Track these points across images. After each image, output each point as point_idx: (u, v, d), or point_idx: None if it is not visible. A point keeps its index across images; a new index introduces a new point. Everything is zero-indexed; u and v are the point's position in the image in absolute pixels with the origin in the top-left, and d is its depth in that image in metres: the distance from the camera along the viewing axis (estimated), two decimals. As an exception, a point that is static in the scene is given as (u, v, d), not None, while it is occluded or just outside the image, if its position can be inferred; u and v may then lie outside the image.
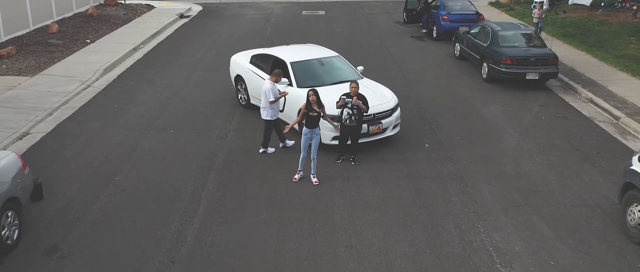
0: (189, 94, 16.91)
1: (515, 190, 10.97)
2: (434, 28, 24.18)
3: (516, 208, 10.28)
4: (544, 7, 29.53)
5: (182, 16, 30.68)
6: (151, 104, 15.99)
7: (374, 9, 32.78)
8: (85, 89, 17.70)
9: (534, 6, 22.15)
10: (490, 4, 33.15)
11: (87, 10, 28.26)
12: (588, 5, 29.49)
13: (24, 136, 13.90)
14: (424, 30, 25.22)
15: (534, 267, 8.55)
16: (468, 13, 23.57)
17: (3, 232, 8.74)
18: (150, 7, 32.56)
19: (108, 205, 10.40)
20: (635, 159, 9.32)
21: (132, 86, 17.82)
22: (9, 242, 8.88)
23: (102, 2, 31.82)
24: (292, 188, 10.96)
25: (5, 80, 17.92)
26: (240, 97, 15.52)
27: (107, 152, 12.71)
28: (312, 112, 10.83)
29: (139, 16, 29.83)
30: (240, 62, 15.51)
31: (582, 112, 15.40)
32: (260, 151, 12.43)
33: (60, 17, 26.96)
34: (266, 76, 13.96)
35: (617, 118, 14.73)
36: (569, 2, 30.63)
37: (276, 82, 12.12)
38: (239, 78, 15.43)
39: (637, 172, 9.12)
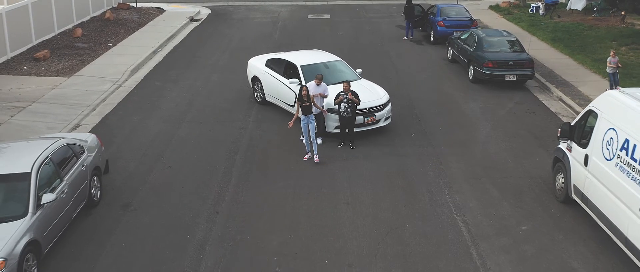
0: (211, 92, 21.36)
1: (478, 166, 15.34)
2: (431, 33, 28.57)
3: (476, 179, 14.64)
4: (540, 11, 33.93)
5: (192, 20, 35.18)
6: (179, 101, 20.45)
7: (377, 12, 37.23)
8: (118, 88, 22.18)
9: (609, 60, 19.86)
10: (491, 7, 37.55)
11: (105, 14, 32.80)
12: (581, 10, 33.83)
13: (76, 127, 18.35)
14: (407, 37, 29.19)
15: (481, 216, 12.90)
16: (462, 19, 27.97)
17: (92, 192, 13.15)
18: (161, 10, 37.12)
19: (160, 176, 14.82)
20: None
21: (159, 86, 22.29)
22: (95, 199, 13.27)
23: (115, 6, 36.37)
24: (303, 165, 15.36)
25: (47, 80, 22.42)
26: (257, 95, 19.95)
27: (150, 139, 17.16)
28: (304, 103, 15.24)
29: (152, 20, 34.40)
30: (257, 65, 19.96)
31: (550, 109, 19.76)
32: (319, 141, 16.28)
33: (80, 21, 31.49)
34: (280, 77, 18.42)
35: (578, 113, 19.06)
36: (567, 7, 34.98)
37: (317, 85, 16.15)
38: (255, 79, 19.87)
39: (561, 149, 13.47)
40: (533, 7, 34.78)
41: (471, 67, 22.30)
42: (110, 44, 28.09)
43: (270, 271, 11.01)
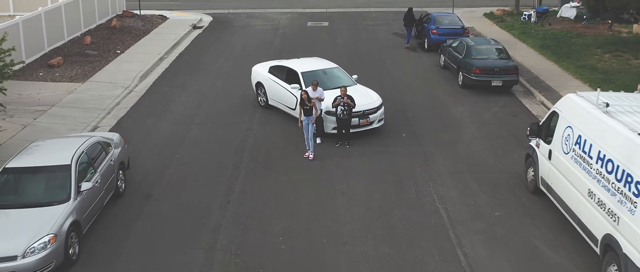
0: (217, 97, 23.75)
1: (461, 163, 17.71)
2: (426, 40, 31.00)
3: (459, 174, 17.01)
4: (532, 19, 36.38)
5: (195, 27, 37.61)
6: (188, 105, 22.83)
7: (375, 20, 39.68)
8: (129, 93, 24.57)
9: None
10: (485, 15, 40.00)
11: (111, 22, 35.24)
12: (572, 18, 36.28)
13: (94, 128, 20.70)
14: (408, 45, 31.61)
15: (460, 205, 15.26)
16: (455, 28, 30.40)
17: (119, 183, 15.50)
18: (164, 18, 39.56)
19: (176, 172, 17.18)
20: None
21: (168, 91, 24.68)
22: (121, 190, 15.63)
23: (119, 14, 38.81)
24: (303, 162, 17.72)
25: (62, 85, 24.82)
26: (260, 100, 22.33)
27: (164, 139, 19.53)
28: (305, 106, 17.62)
29: (155, 27, 36.84)
30: (260, 72, 22.35)
31: (532, 112, 22.14)
32: (318, 140, 18.81)
33: (87, 29, 33.91)
34: (282, 83, 20.81)
35: (556, 116, 21.44)
36: (558, 15, 37.44)
37: (314, 90, 18.54)
38: (259, 84, 22.25)
39: (532, 146, 15.84)
40: (525, 15, 37.24)
41: (460, 73, 24.69)
42: (118, 51, 30.49)
43: (277, 248, 13.36)
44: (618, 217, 11.42)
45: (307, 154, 18.02)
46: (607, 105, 12.85)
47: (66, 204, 12.84)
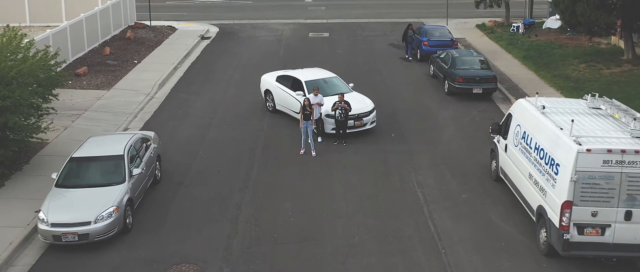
0: (230, 103, 28.42)
1: (440, 158, 22.33)
2: (418, 51, 35.68)
3: (436, 166, 21.63)
4: (520, 30, 41.09)
5: (203, 38, 42.35)
6: (204, 110, 27.49)
7: (373, 31, 44.44)
8: (150, 99, 29.23)
9: None
10: (477, 26, 44.74)
11: (126, 34, 40.01)
12: (557, 28, 40.97)
13: (125, 130, 25.32)
14: (409, 57, 36.24)
15: (434, 189, 19.85)
16: (445, 39, 35.10)
17: (156, 172, 20.12)
18: (173, 29, 44.33)
19: (201, 165, 21.81)
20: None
21: (185, 98, 29.35)
22: (158, 178, 20.25)
23: (131, 25, 43.58)
24: (307, 157, 22.35)
25: (91, 93, 29.49)
26: (268, 105, 26.98)
27: (187, 139, 24.17)
28: (306, 111, 22.25)
29: (166, 38, 41.60)
30: (269, 80, 27.03)
31: (507, 116, 26.76)
32: (319, 139, 23.46)
33: (103, 40, 38.63)
34: (288, 90, 25.45)
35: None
36: (543, 27, 42.16)
37: (315, 95, 23.23)
38: (267, 91, 26.92)
39: (495, 142, 20.45)
40: (514, 26, 41.95)
41: (446, 81, 29.35)
42: (136, 61, 35.21)
43: (287, 220, 17.98)
44: (546, 191, 16.03)
45: (302, 151, 22.58)
46: (544, 107, 17.48)
47: (123, 184, 17.46)
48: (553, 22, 41.68)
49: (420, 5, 54.48)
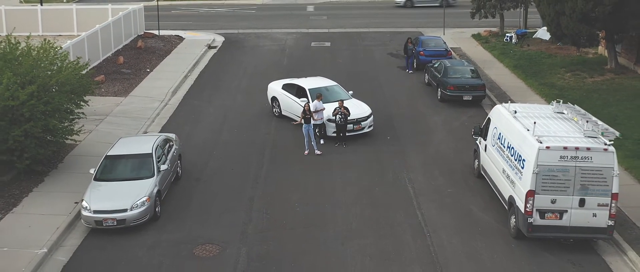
0: (239, 109, 32.05)
1: (430, 158, 25.92)
2: (414, 61, 39.32)
3: (427, 165, 25.22)
4: (513, 40, 44.74)
5: (209, 47, 46.01)
6: (216, 116, 31.12)
7: (373, 40, 48.14)
8: (165, 106, 32.86)
9: None
10: (473, 36, 48.41)
11: (137, 43, 43.71)
12: (548, 39, 44.60)
13: (145, 133, 28.92)
14: (410, 71, 39.78)
15: (423, 185, 23.44)
16: (439, 50, 38.74)
17: (178, 169, 23.72)
18: (180, 38, 48.04)
19: (215, 163, 25.42)
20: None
21: (197, 104, 32.98)
22: (179, 175, 23.84)
23: (141, 34, 47.28)
24: (310, 156, 25.94)
25: (110, 99, 33.12)
26: (275, 111, 30.61)
27: (202, 141, 27.78)
28: (306, 115, 25.84)
29: (175, 47, 45.30)
30: (275, 88, 30.68)
31: (493, 121, 30.35)
32: (321, 141, 27.11)
33: (116, 49, 42.32)
34: (293, 97, 29.07)
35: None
36: (534, 36, 45.81)
37: (319, 101, 26.87)
38: (274, 98, 30.56)
39: (477, 143, 24.02)
40: (507, 36, 45.62)
41: (439, 89, 32.97)
42: (148, 70, 38.87)
43: (294, 209, 21.56)
44: (515, 183, 19.61)
45: (307, 151, 26.17)
46: (515, 112, 21.10)
47: (152, 178, 21.04)
48: (544, 32, 45.22)
49: (418, 15, 58.19)
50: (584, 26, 33.86)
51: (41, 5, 50.42)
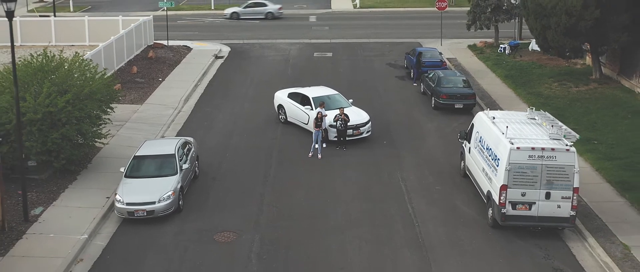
0: (247, 116, 36.01)
1: (423, 160, 29.84)
2: (412, 71, 43.28)
3: (419, 166, 29.14)
4: (507, 51, 48.70)
5: (216, 57, 49.99)
6: (226, 122, 35.08)
7: (372, 51, 52.15)
8: (178, 113, 36.82)
9: None
10: (469, 46, 52.39)
11: (148, 53, 47.74)
12: (539, 50, 48.52)
13: (162, 137, 32.83)
14: (415, 84, 43.71)
15: (415, 183, 27.35)
16: (435, 61, 42.69)
17: (196, 169, 27.65)
18: (188, 49, 52.07)
19: (228, 165, 29.36)
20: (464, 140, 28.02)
21: (209, 111, 36.96)
22: (197, 174, 27.76)
23: (151, 44, 51.29)
24: (313, 159, 29.87)
25: (127, 107, 37.07)
26: (281, 117, 34.58)
27: (215, 145, 31.73)
28: (318, 122, 29.76)
29: (184, 57, 49.32)
30: (281, 96, 34.68)
31: (482, 127, 34.30)
32: (324, 145, 31.08)
33: (128, 59, 46.29)
34: (298, 105, 33.03)
35: (499, 130, 33.52)
36: (529, 48, 49.79)
37: (322, 108, 30.83)
38: (280, 106, 34.54)
39: (463, 146, 27.94)
40: (501, 47, 49.59)
41: (433, 98, 36.92)
42: (160, 79, 42.86)
43: (300, 204, 25.49)
44: (491, 179, 23.53)
45: (310, 154, 30.11)
46: (494, 117, 25.06)
47: (176, 175, 24.97)
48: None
49: (417, 25, 62.21)
50: (568, 39, 37.78)
51: (54, 16, 54.43)
